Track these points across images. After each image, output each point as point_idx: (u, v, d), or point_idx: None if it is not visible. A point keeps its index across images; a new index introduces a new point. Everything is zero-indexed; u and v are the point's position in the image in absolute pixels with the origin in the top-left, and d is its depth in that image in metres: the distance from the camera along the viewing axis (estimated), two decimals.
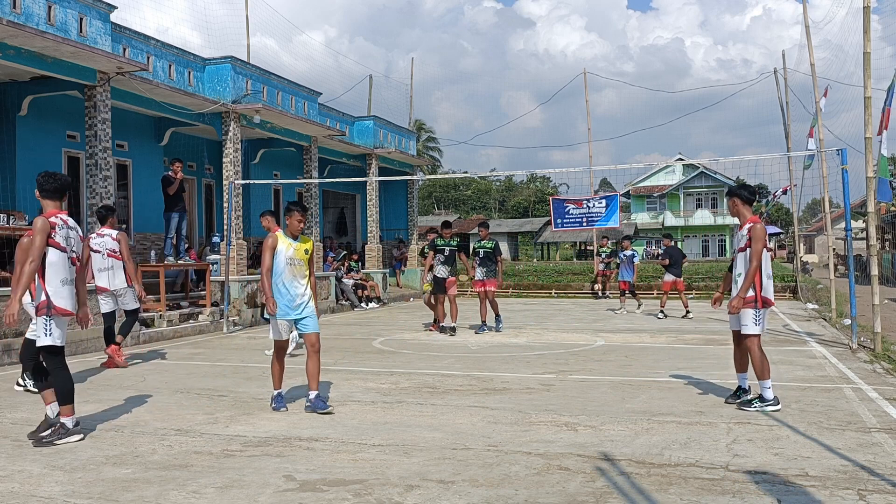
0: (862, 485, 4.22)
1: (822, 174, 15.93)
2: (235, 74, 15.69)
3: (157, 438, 5.47)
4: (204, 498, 4.10)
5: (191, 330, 12.86)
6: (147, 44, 14.08)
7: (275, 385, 6.55)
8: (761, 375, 6.25)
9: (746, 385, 6.57)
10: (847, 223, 11.08)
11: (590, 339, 11.85)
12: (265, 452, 5.04)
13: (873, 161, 10.26)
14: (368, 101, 27.89)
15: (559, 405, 6.54)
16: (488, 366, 9.08)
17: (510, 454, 4.94)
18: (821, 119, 15.40)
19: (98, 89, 11.96)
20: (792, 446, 5.09)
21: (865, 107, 10.21)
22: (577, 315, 16.56)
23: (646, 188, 61.50)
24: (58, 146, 13.64)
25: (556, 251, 56.13)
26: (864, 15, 10.23)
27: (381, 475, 4.49)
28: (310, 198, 18.62)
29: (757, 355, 6.27)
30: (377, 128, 23.01)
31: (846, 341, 10.63)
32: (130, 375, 8.50)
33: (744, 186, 6.71)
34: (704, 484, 4.27)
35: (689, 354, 9.85)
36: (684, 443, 5.20)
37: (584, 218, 15.07)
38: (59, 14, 11.24)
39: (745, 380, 6.60)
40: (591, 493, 4.13)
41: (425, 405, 6.59)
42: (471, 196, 77.50)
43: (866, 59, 10.26)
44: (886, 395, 6.80)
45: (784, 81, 22.95)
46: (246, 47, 22.05)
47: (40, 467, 4.72)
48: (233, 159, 15.53)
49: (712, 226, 57.51)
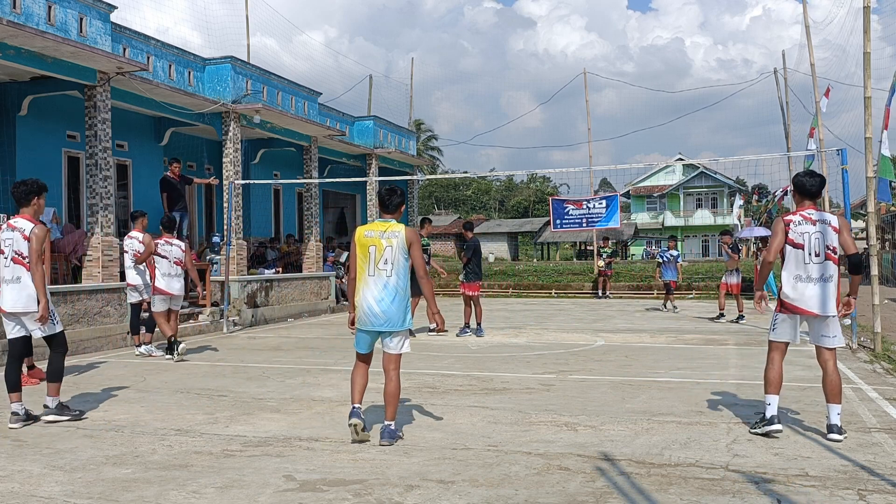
0: (862, 485, 4.22)
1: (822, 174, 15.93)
2: (235, 74, 15.69)
3: (157, 438, 5.47)
4: (204, 498, 4.10)
5: (191, 330, 12.85)
6: (147, 44, 14.08)
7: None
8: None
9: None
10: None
11: (590, 339, 11.85)
12: (265, 452, 5.04)
13: (873, 161, 10.26)
14: (368, 101, 27.92)
15: (559, 405, 6.54)
16: (488, 366, 9.08)
17: (510, 454, 4.94)
18: (821, 119, 15.41)
19: (98, 89, 11.95)
20: (792, 446, 5.09)
21: (865, 107, 10.21)
22: (577, 315, 16.56)
23: (646, 188, 61.51)
24: (58, 146, 13.64)
25: (556, 251, 56.11)
26: (864, 15, 10.24)
27: (381, 475, 4.49)
28: (310, 198, 18.62)
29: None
30: (377, 128, 23.01)
31: (846, 341, 10.63)
32: (130, 375, 8.50)
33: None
34: (704, 484, 4.27)
35: (689, 354, 9.85)
36: (684, 443, 5.20)
37: (583, 219, 15.04)
38: (59, 14, 11.24)
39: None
40: (591, 493, 4.13)
41: (425, 405, 6.59)
42: (471, 196, 77.47)
43: (866, 59, 10.27)
44: (886, 395, 6.80)
45: (784, 81, 22.98)
46: (246, 47, 22.07)
47: (40, 467, 4.72)
48: (233, 159, 15.53)
49: (712, 226, 57.48)
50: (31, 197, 6.12)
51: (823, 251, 5.34)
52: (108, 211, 11.86)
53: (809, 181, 5.55)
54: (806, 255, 5.35)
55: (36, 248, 5.98)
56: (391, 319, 5.20)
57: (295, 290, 16.74)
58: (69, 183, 13.88)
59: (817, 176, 5.63)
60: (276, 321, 15.48)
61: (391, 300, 5.19)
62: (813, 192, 5.54)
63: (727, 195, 58.08)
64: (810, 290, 5.33)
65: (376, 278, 5.18)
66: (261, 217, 19.54)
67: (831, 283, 5.34)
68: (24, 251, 5.97)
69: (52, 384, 6.06)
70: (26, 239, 5.97)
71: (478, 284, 12.43)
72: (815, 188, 5.54)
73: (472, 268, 12.36)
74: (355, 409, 5.22)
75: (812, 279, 5.33)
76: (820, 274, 5.32)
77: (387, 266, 5.17)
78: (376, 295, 5.18)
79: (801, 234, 5.38)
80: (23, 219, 6.08)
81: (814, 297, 5.31)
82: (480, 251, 12.85)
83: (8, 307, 6.00)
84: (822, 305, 5.30)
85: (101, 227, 11.70)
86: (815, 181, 5.56)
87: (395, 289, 5.19)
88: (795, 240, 5.38)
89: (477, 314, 12.39)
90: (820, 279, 5.32)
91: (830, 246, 5.35)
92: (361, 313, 5.24)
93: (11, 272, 5.99)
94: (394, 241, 5.20)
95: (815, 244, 5.35)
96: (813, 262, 5.33)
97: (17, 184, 6.18)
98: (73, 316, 10.46)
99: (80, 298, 10.71)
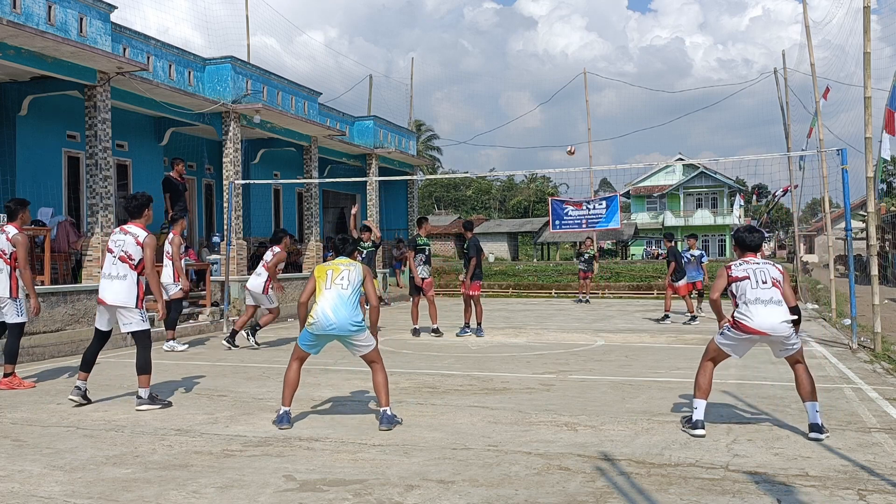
0: (862, 485, 4.22)
1: (822, 174, 15.94)
2: (235, 74, 15.69)
3: (157, 438, 5.47)
4: (204, 498, 4.10)
5: (191, 330, 12.85)
6: (147, 44, 14.08)
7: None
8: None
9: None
10: (847, 223, 11.08)
11: (590, 339, 11.85)
12: (265, 452, 5.04)
13: (873, 161, 10.27)
14: (368, 101, 27.92)
15: (559, 405, 6.54)
16: (488, 366, 9.08)
17: (510, 454, 4.94)
18: (821, 119, 15.41)
19: (98, 89, 11.96)
20: (792, 446, 5.09)
21: (865, 107, 10.21)
22: (577, 315, 16.56)
23: (646, 188, 61.50)
24: (58, 146, 13.65)
25: (555, 251, 56.10)
26: (864, 15, 10.24)
27: (381, 475, 4.49)
28: (310, 198, 18.62)
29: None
30: (377, 128, 23.01)
31: (846, 341, 10.63)
32: (130, 375, 8.47)
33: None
34: (704, 484, 4.27)
35: (689, 354, 9.85)
36: (684, 443, 5.20)
37: (583, 220, 14.98)
38: (59, 14, 11.24)
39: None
40: (591, 493, 4.13)
41: (425, 405, 6.59)
42: (471, 196, 77.46)
43: (866, 59, 10.26)
44: (886, 395, 6.80)
45: (784, 81, 22.96)
46: (246, 47, 22.06)
47: (40, 467, 4.72)
48: (233, 159, 15.53)
49: (712, 226, 57.51)
50: (142, 210, 6.80)
51: (770, 280, 5.53)
52: (108, 211, 11.87)
53: (749, 237, 5.86)
54: (753, 283, 5.53)
55: (149, 256, 6.60)
56: (342, 325, 5.67)
57: (295, 290, 16.74)
58: (69, 183, 13.89)
59: (757, 231, 5.96)
60: (276, 321, 15.45)
61: (345, 309, 5.68)
62: (753, 246, 5.82)
63: (727, 195, 58.10)
64: (763, 311, 5.45)
65: (332, 291, 5.72)
66: (261, 217, 19.55)
67: (782, 306, 5.48)
68: (132, 253, 6.58)
69: (140, 377, 6.59)
70: (139, 245, 6.59)
71: (478, 284, 12.41)
72: (754, 243, 5.83)
73: (474, 268, 12.29)
74: (286, 412, 5.76)
75: (762, 301, 5.47)
76: (769, 297, 5.47)
77: (342, 282, 5.75)
78: (332, 304, 5.68)
79: (743, 270, 5.60)
80: (135, 226, 6.73)
81: (764, 318, 5.42)
82: (482, 250, 12.85)
83: (109, 300, 6.57)
84: (773, 326, 5.41)
85: (101, 226, 11.71)
86: (754, 237, 5.87)
87: (349, 300, 5.71)
88: (739, 275, 5.59)
89: (477, 314, 12.36)
90: (770, 301, 5.46)
91: (775, 278, 5.54)
92: (318, 319, 5.69)
93: (117, 270, 6.59)
94: (352, 269, 5.85)
95: (761, 275, 5.55)
96: (761, 288, 5.50)
97: (129, 198, 6.88)
98: (73, 316, 10.46)
99: (79, 298, 10.71)
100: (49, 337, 10.08)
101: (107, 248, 6.80)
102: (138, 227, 6.71)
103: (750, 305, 5.48)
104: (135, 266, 6.57)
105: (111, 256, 6.65)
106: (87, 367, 6.72)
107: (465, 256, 12.47)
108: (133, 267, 6.56)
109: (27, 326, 8.94)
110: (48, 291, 10.26)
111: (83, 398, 6.63)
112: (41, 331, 10.05)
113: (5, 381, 7.52)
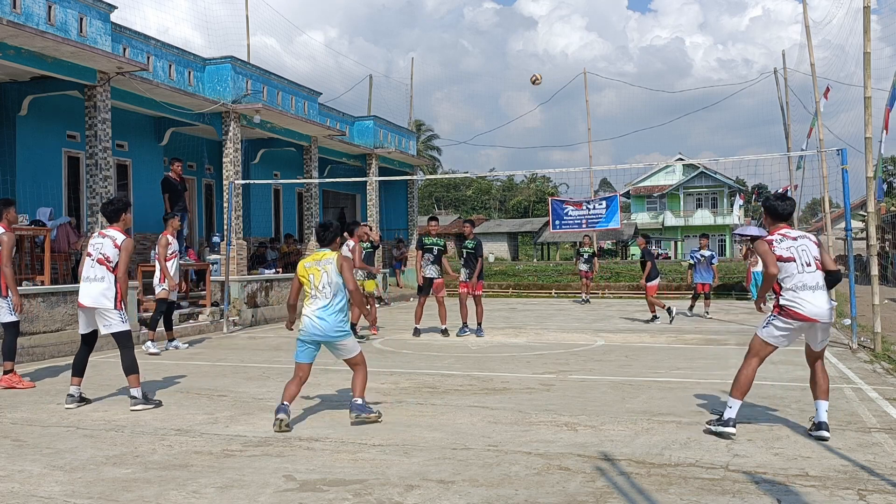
0: (862, 485, 4.22)
1: (822, 174, 15.94)
2: (235, 74, 15.69)
3: (157, 438, 5.47)
4: (204, 498, 4.10)
5: (191, 330, 12.85)
6: (147, 44, 14.08)
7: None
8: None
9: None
10: (847, 223, 11.08)
11: (590, 339, 11.85)
12: (265, 452, 5.04)
13: (872, 161, 10.27)
14: (368, 101, 27.93)
15: (559, 405, 6.54)
16: (488, 366, 9.08)
17: (510, 454, 4.94)
18: (821, 119, 15.41)
19: (98, 89, 11.96)
20: (792, 446, 5.09)
21: (865, 107, 10.21)
22: (577, 315, 16.56)
23: (646, 188, 61.48)
24: (58, 146, 13.65)
25: (555, 251, 56.09)
26: (864, 15, 10.24)
27: (381, 475, 4.49)
28: (310, 198, 18.62)
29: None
30: (377, 128, 23.01)
31: (846, 341, 10.63)
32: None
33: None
34: (704, 484, 4.27)
35: (689, 354, 9.85)
36: (684, 443, 5.20)
37: (583, 220, 14.95)
38: (59, 14, 11.24)
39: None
40: (591, 493, 4.13)
41: (425, 405, 6.59)
42: (471, 196, 77.45)
43: (866, 59, 10.27)
44: (886, 395, 6.80)
45: (784, 81, 22.98)
46: (246, 47, 22.07)
47: (40, 467, 4.72)
48: (233, 159, 15.53)
49: (712, 226, 57.45)
50: (119, 214, 6.85)
51: (813, 261, 5.38)
52: None
53: (782, 205, 5.63)
54: (798, 266, 5.35)
55: (124, 259, 6.69)
56: (327, 333, 5.81)
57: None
58: (69, 183, 13.89)
59: (788, 199, 5.74)
60: (277, 321, 15.46)
61: (329, 314, 5.80)
62: (785, 215, 5.61)
63: (727, 195, 58.07)
64: (812, 297, 5.30)
65: (318, 300, 5.86)
66: (261, 217, 19.56)
67: (825, 289, 5.37)
68: (110, 255, 6.68)
69: (129, 377, 6.63)
70: (117, 247, 6.69)
71: (481, 283, 12.52)
72: (786, 211, 5.62)
73: (473, 267, 12.28)
74: (284, 405, 5.75)
75: (809, 287, 5.32)
76: (815, 282, 5.33)
77: (325, 290, 5.85)
78: (317, 311, 5.82)
79: (787, 249, 5.39)
80: (114, 230, 6.81)
81: (814, 304, 5.29)
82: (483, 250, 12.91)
83: (88, 303, 6.66)
84: (822, 312, 5.30)
85: (101, 226, 11.69)
86: (786, 205, 5.65)
87: (333, 307, 5.83)
88: (784, 255, 5.38)
89: (478, 314, 12.36)
90: (817, 287, 5.33)
91: (816, 258, 5.40)
92: (305, 325, 5.87)
93: (95, 272, 6.67)
94: (329, 267, 5.88)
95: (804, 255, 5.38)
96: (807, 272, 5.34)
97: (106, 203, 6.97)
98: (73, 316, 10.45)
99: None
100: (49, 337, 10.08)
101: (86, 252, 6.88)
102: (117, 230, 6.80)
103: (798, 291, 5.28)
104: (112, 268, 6.67)
105: (90, 259, 6.73)
106: (78, 372, 6.76)
107: (467, 255, 12.39)
108: (111, 269, 6.65)
109: (28, 327, 8.92)
110: (48, 291, 10.26)
111: (78, 402, 6.68)
112: (41, 331, 10.05)
113: (5, 379, 7.59)
